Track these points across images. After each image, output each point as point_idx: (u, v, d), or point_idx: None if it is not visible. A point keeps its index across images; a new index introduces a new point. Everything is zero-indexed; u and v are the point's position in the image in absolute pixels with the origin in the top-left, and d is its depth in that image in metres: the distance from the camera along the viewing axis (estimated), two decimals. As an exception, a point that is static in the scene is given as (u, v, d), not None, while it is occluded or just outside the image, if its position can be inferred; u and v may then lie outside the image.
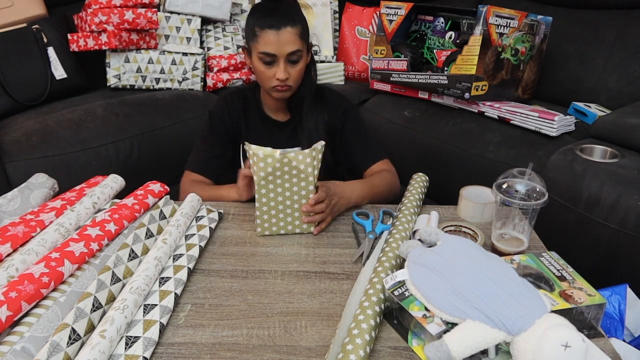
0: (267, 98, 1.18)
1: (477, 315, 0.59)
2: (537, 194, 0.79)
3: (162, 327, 0.67)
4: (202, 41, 2.01)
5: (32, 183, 0.97)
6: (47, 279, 0.68)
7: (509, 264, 0.72)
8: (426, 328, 0.62)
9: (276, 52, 1.04)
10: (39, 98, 1.69)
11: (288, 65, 1.06)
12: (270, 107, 1.20)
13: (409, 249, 0.73)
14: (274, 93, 1.11)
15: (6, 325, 0.61)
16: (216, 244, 0.90)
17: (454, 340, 0.58)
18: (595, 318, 0.66)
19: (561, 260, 0.74)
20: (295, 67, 1.07)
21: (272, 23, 1.03)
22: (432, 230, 0.76)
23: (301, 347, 0.66)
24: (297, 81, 1.10)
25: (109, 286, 0.70)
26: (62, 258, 0.72)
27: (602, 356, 0.57)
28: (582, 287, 0.68)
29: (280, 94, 1.10)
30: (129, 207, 0.88)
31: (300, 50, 1.06)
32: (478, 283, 0.63)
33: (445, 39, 1.73)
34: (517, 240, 0.84)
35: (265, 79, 1.09)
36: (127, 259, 0.76)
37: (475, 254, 0.69)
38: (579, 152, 1.17)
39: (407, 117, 1.68)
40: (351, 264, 0.84)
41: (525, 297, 0.61)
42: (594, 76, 1.67)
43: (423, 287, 0.65)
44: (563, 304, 0.64)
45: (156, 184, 0.98)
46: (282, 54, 1.04)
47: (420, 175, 1.04)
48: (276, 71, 1.06)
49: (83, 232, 0.79)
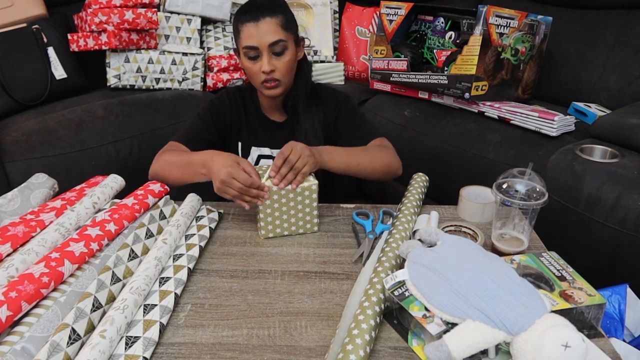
0: (263, 98, 1.17)
1: (477, 315, 0.59)
2: (537, 194, 0.79)
3: (162, 327, 0.67)
4: (202, 41, 2.01)
5: (32, 183, 0.97)
6: (47, 279, 0.68)
7: (509, 264, 0.72)
8: (426, 328, 0.62)
9: (257, 44, 1.02)
10: (39, 98, 1.69)
11: (273, 57, 1.04)
12: (267, 108, 1.19)
13: (409, 249, 0.73)
14: (264, 90, 1.08)
15: (6, 325, 0.61)
16: (216, 244, 0.90)
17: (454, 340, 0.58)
18: (595, 318, 0.66)
19: (561, 260, 0.74)
20: (281, 59, 1.04)
21: (250, 16, 1.02)
22: (432, 230, 0.76)
23: (301, 347, 0.66)
24: (285, 75, 1.06)
25: (109, 286, 0.70)
26: (62, 258, 0.72)
27: (602, 356, 0.57)
28: (582, 287, 0.68)
29: (270, 90, 1.07)
30: (129, 207, 0.88)
31: (283, 41, 1.03)
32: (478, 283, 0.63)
33: (445, 39, 1.73)
34: (517, 240, 0.84)
35: (253, 76, 1.07)
36: (127, 259, 0.76)
37: (475, 253, 0.70)
38: (579, 152, 1.17)
39: (407, 117, 1.68)
40: (351, 264, 0.84)
41: (525, 297, 0.61)
42: (594, 76, 1.67)
43: (423, 287, 0.65)
44: (563, 304, 0.64)
45: (156, 184, 0.98)
46: (264, 45, 1.02)
47: (420, 175, 1.04)
48: (261, 64, 1.03)
49: (83, 232, 0.79)
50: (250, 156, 1.19)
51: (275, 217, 0.90)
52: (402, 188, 1.71)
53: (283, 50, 1.04)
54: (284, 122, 1.19)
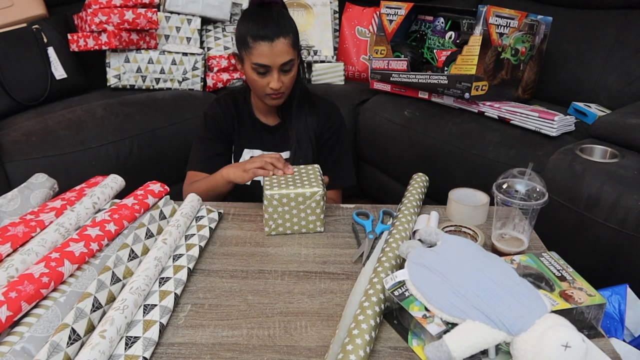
0: (258, 102, 1.19)
1: (477, 315, 0.59)
2: (537, 194, 0.79)
3: (162, 327, 0.67)
4: (202, 41, 2.01)
5: (32, 183, 0.97)
6: (47, 279, 0.68)
7: (509, 264, 0.72)
8: (426, 328, 0.62)
9: (270, 63, 1.05)
10: (39, 98, 1.70)
11: (281, 74, 1.07)
12: (261, 111, 1.21)
13: (409, 249, 0.73)
14: (267, 100, 1.12)
15: (6, 326, 0.61)
16: (216, 244, 0.90)
17: (454, 340, 0.58)
18: (596, 318, 0.66)
19: (561, 260, 0.74)
20: (288, 75, 1.09)
21: (265, 34, 1.03)
22: (432, 230, 0.76)
23: (301, 347, 0.66)
24: (289, 88, 1.12)
25: (109, 286, 0.70)
26: (62, 258, 0.71)
27: (602, 356, 0.57)
28: (582, 287, 0.68)
29: (275, 101, 1.12)
30: (129, 207, 0.88)
31: (293, 60, 1.07)
32: (478, 283, 0.63)
33: (445, 39, 1.73)
34: (517, 241, 0.84)
35: (258, 88, 1.10)
36: (127, 259, 0.76)
37: (475, 254, 0.69)
38: (579, 152, 1.17)
39: (407, 117, 1.68)
40: (351, 264, 0.84)
41: (525, 297, 0.61)
42: (593, 76, 1.67)
43: (423, 287, 0.65)
44: (563, 304, 0.64)
45: (156, 184, 0.98)
46: (276, 65, 1.05)
47: (420, 176, 1.04)
48: (270, 80, 1.07)
49: (83, 232, 0.79)
50: (242, 158, 1.21)
51: (280, 220, 0.91)
52: (402, 188, 1.72)
53: (291, 67, 1.08)
54: (276, 125, 1.22)
